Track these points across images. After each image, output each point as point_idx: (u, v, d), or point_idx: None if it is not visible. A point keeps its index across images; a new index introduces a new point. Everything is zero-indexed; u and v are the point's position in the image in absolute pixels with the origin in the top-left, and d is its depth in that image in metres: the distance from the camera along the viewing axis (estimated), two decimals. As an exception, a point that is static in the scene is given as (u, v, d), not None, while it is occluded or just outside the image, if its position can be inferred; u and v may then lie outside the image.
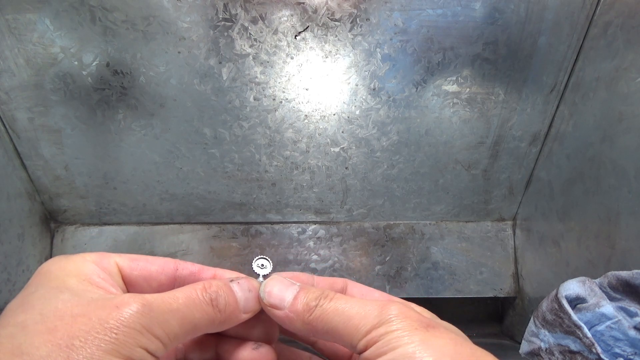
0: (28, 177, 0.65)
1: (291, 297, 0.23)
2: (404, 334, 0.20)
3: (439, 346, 0.20)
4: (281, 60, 0.59)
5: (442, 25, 0.57)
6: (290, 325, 0.23)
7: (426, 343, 0.20)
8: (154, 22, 0.55)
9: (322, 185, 0.70)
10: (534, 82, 0.61)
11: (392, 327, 0.21)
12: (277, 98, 0.62)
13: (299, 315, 0.23)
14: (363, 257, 0.74)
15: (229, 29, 0.56)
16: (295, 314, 0.23)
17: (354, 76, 0.61)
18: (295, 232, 0.74)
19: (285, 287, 0.24)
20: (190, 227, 0.73)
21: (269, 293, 0.24)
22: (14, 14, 0.53)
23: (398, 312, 0.21)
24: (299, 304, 0.23)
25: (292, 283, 0.24)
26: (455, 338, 0.21)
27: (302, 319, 0.22)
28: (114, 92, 0.59)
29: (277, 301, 0.23)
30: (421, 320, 0.21)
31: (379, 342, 0.21)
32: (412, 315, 0.21)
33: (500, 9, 0.56)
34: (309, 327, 0.22)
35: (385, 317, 0.21)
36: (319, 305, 0.22)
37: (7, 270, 0.60)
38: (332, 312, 0.22)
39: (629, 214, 0.49)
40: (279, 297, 0.23)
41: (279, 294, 0.23)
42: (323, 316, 0.22)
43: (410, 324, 0.21)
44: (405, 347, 0.20)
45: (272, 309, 0.23)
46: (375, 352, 0.21)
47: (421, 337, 0.20)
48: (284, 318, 0.23)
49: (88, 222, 0.72)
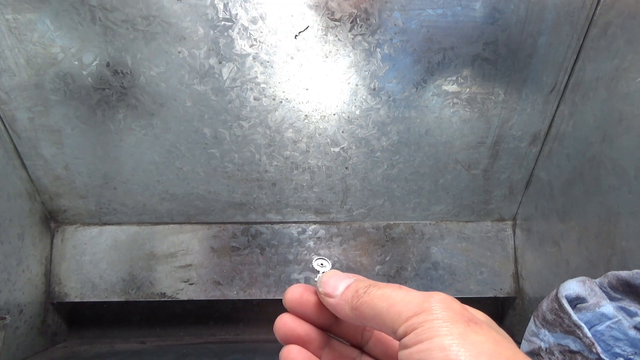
0: (28, 177, 0.65)
1: (344, 287, 0.25)
2: (444, 324, 0.20)
3: (477, 343, 0.20)
4: (281, 60, 0.59)
5: (442, 25, 0.57)
6: (340, 312, 0.24)
7: (464, 337, 0.20)
8: (154, 22, 0.55)
9: (322, 185, 0.70)
10: (534, 82, 0.62)
11: (432, 315, 0.21)
12: (277, 98, 0.62)
13: (348, 301, 0.24)
14: (363, 257, 0.74)
15: (229, 29, 0.56)
16: (344, 301, 0.24)
17: (354, 76, 0.61)
18: (295, 232, 0.74)
19: (340, 279, 0.25)
20: (190, 227, 0.73)
21: (324, 283, 0.26)
22: (14, 14, 0.53)
23: (441, 302, 0.21)
24: (349, 292, 0.24)
25: (347, 276, 0.26)
26: (497, 337, 0.20)
27: (350, 304, 0.24)
28: (114, 92, 0.59)
29: (330, 290, 0.25)
30: (463, 313, 0.21)
31: (417, 329, 0.20)
32: (454, 307, 0.21)
33: (500, 9, 0.56)
34: (356, 312, 0.23)
35: (427, 306, 0.21)
36: (366, 293, 0.23)
37: (7, 270, 0.60)
38: (378, 297, 0.23)
39: (629, 214, 0.49)
40: (332, 287, 0.25)
41: (333, 284, 0.25)
42: (369, 301, 0.23)
43: (451, 316, 0.21)
44: (442, 338, 0.20)
45: (325, 297, 0.25)
46: (413, 339, 0.20)
47: (460, 330, 0.20)
48: (335, 305, 0.25)
49: (88, 222, 0.72)
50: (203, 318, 0.78)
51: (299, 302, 0.27)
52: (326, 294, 0.25)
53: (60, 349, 0.70)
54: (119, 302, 0.71)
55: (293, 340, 0.27)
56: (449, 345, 0.19)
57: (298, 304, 0.27)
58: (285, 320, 0.27)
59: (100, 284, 0.70)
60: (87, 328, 0.76)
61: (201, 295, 0.71)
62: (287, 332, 0.27)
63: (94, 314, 0.75)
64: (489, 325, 0.21)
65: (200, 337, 0.76)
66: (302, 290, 0.27)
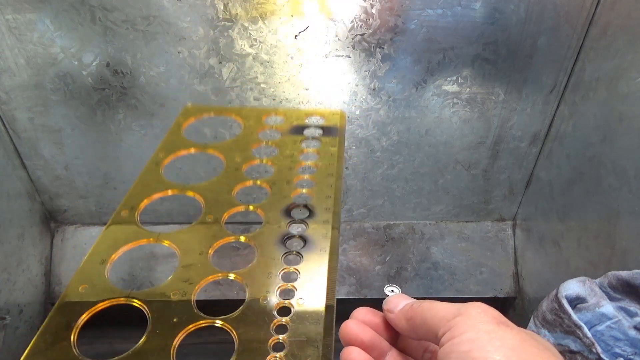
0: (28, 177, 0.65)
1: (402, 305, 0.28)
2: (475, 322, 0.22)
3: (504, 338, 0.21)
4: (281, 60, 0.59)
5: (442, 25, 0.57)
6: (398, 324, 0.27)
7: (492, 333, 0.21)
8: (154, 22, 0.55)
9: (322, 185, 0.70)
10: (534, 82, 0.61)
11: (467, 316, 0.23)
12: (277, 98, 0.62)
13: (404, 314, 0.27)
14: (363, 257, 0.74)
15: (229, 29, 0.56)
16: (401, 314, 0.27)
17: (354, 76, 0.61)
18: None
19: (402, 299, 0.28)
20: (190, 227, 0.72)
21: (388, 302, 0.29)
22: (14, 14, 0.53)
23: (477, 307, 0.23)
24: (405, 307, 0.27)
25: (409, 298, 0.29)
26: (525, 336, 0.22)
27: (405, 316, 0.27)
28: (114, 92, 0.59)
29: (391, 307, 0.28)
30: (496, 317, 0.23)
31: (452, 328, 0.22)
32: (488, 311, 0.23)
33: (500, 9, 0.56)
34: (409, 322, 0.26)
35: (464, 309, 0.23)
36: (419, 306, 0.26)
37: (7, 271, 0.60)
38: (427, 308, 0.25)
39: (629, 214, 0.49)
40: (394, 304, 0.28)
41: (395, 302, 0.28)
42: (419, 312, 0.25)
43: (483, 317, 0.22)
44: (471, 333, 0.22)
45: (387, 313, 0.28)
46: (448, 337, 0.22)
47: (490, 328, 0.22)
48: (394, 319, 0.28)
49: (88, 222, 0.72)
50: (203, 318, 0.78)
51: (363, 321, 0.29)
52: (388, 310, 0.28)
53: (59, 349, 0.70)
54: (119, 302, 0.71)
55: (357, 343, 0.28)
56: (475, 338, 0.21)
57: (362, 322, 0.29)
58: (350, 325, 0.29)
59: (100, 284, 0.70)
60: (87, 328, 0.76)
61: (201, 296, 0.71)
62: (351, 336, 0.28)
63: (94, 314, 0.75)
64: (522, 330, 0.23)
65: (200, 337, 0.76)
66: (366, 312, 0.30)
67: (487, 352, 0.20)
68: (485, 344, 0.21)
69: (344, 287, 0.73)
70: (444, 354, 0.22)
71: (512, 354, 0.20)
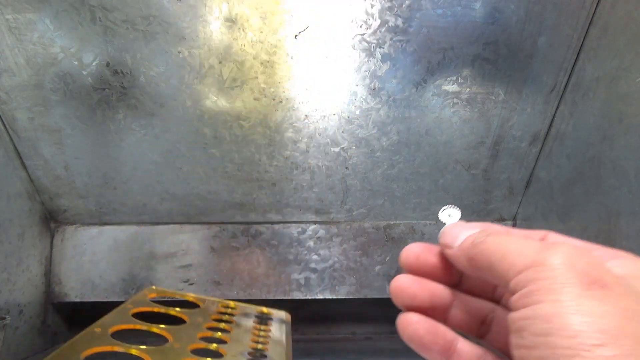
0: (28, 177, 0.65)
1: (463, 237, 0.22)
2: (554, 286, 0.16)
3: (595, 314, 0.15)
4: (281, 60, 0.59)
5: (442, 25, 0.57)
6: (458, 264, 0.22)
7: (581, 305, 0.15)
8: (154, 22, 0.55)
9: (322, 185, 0.70)
10: (534, 82, 0.61)
11: (543, 272, 0.16)
12: (277, 98, 0.62)
13: (465, 251, 0.21)
14: (363, 257, 0.74)
15: (229, 29, 0.56)
16: (462, 251, 0.22)
17: (354, 76, 0.61)
18: (295, 232, 0.74)
19: (462, 229, 0.23)
20: (190, 227, 0.72)
21: (445, 234, 0.24)
22: (14, 14, 0.53)
23: (559, 255, 0.17)
24: (466, 242, 0.22)
25: (472, 227, 0.23)
26: (628, 306, 0.15)
27: (467, 255, 0.21)
28: (114, 92, 0.59)
29: (449, 240, 0.23)
30: (588, 272, 0.16)
31: (524, 290, 0.17)
32: (576, 263, 0.16)
33: (500, 9, 0.56)
34: (472, 263, 0.21)
35: (541, 259, 0.17)
36: (483, 242, 0.20)
37: (7, 270, 0.60)
38: (493, 247, 0.20)
39: (629, 214, 0.49)
40: (452, 237, 0.23)
41: (454, 234, 0.23)
42: (484, 251, 0.20)
43: (565, 276, 0.16)
44: (547, 305, 0.16)
45: (444, 248, 0.23)
46: (518, 302, 0.17)
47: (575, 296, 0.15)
48: (453, 256, 0.22)
49: (88, 222, 0.72)
50: (203, 318, 0.78)
51: (416, 263, 0.24)
52: (445, 244, 0.23)
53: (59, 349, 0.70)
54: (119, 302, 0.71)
55: (415, 306, 0.23)
56: (556, 313, 0.15)
57: (415, 266, 0.24)
58: (402, 281, 0.23)
59: (100, 284, 0.70)
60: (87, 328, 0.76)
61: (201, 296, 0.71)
62: (406, 298, 0.23)
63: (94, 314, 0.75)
64: (625, 288, 0.16)
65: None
66: (420, 251, 0.24)
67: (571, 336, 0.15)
68: (569, 324, 0.15)
69: (344, 287, 0.73)
70: (515, 326, 0.17)
71: (609, 339, 0.14)
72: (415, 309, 0.23)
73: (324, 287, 0.72)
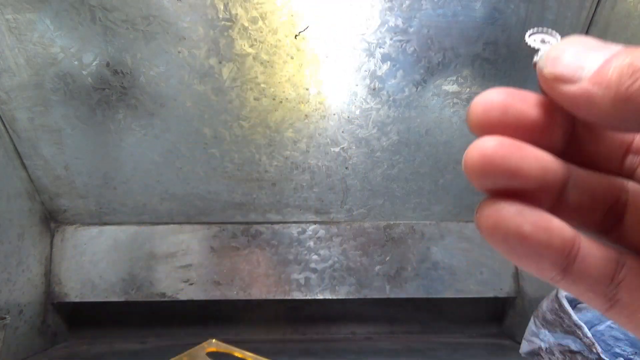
0: (28, 177, 0.65)
1: (596, 63, 0.13)
2: None
3: None
4: (281, 60, 0.59)
5: (442, 25, 0.57)
6: (589, 109, 0.13)
7: None
8: (154, 22, 0.55)
9: (322, 185, 0.70)
10: (534, 82, 0.61)
11: None
12: (277, 98, 0.62)
13: (611, 85, 0.12)
14: (363, 257, 0.74)
15: (229, 29, 0.56)
16: (601, 86, 0.12)
17: (354, 76, 0.61)
18: (295, 232, 0.74)
19: (586, 50, 0.13)
20: (190, 227, 0.73)
21: (553, 59, 0.14)
22: (14, 14, 0.53)
23: None
24: (610, 69, 0.12)
25: (601, 46, 0.13)
26: None
27: (615, 92, 0.12)
28: (114, 92, 0.59)
29: (568, 70, 0.13)
30: None
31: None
32: None
33: (500, 9, 0.56)
34: (628, 106, 0.12)
35: None
36: None
37: (7, 270, 0.60)
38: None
39: (629, 214, 0.49)
40: (572, 64, 0.13)
41: (572, 59, 0.13)
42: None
43: None
44: None
45: (558, 85, 0.13)
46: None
47: None
48: (580, 96, 0.13)
49: (88, 222, 0.72)
50: (203, 318, 0.78)
51: (504, 120, 0.15)
52: (562, 77, 0.13)
53: (60, 349, 0.70)
54: (119, 302, 0.71)
55: (511, 186, 0.14)
56: None
57: (502, 126, 0.15)
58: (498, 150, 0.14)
59: (100, 284, 0.70)
60: (87, 328, 0.76)
61: (201, 295, 0.71)
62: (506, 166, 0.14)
63: (94, 314, 0.75)
64: None
65: (200, 337, 0.76)
66: (508, 99, 0.15)
67: None
68: None
69: (344, 287, 0.73)
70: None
71: None
72: (512, 191, 0.14)
73: (324, 287, 0.72)
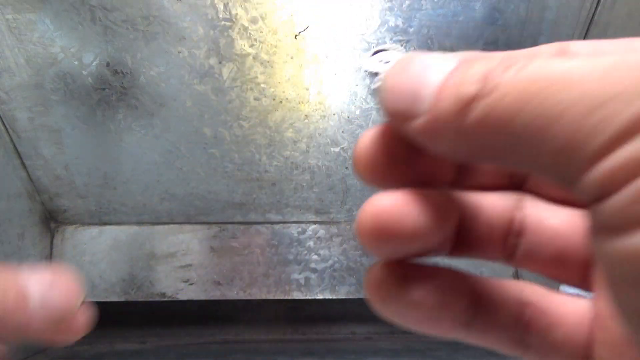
0: (28, 177, 0.65)
1: (433, 89, 0.11)
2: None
3: None
4: (281, 60, 0.59)
5: (442, 25, 0.57)
6: (437, 147, 0.11)
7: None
8: (154, 22, 0.55)
9: (322, 185, 0.70)
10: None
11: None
12: (277, 98, 0.62)
13: (450, 119, 0.10)
14: (363, 257, 0.74)
15: (229, 29, 0.56)
16: (440, 121, 0.10)
17: (354, 76, 0.61)
18: (295, 232, 0.74)
19: (423, 70, 0.11)
20: (190, 227, 0.73)
21: (391, 89, 0.11)
22: (14, 14, 0.53)
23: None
24: (445, 97, 0.10)
25: (439, 62, 0.11)
26: None
27: (456, 127, 0.10)
28: (114, 92, 0.59)
29: (406, 103, 0.11)
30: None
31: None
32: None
33: (500, 9, 0.56)
34: (477, 134, 0.10)
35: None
36: (505, 80, 0.10)
37: (7, 270, 0.60)
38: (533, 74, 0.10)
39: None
40: (411, 93, 0.11)
41: (410, 87, 0.11)
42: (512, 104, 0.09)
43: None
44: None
45: (400, 121, 0.11)
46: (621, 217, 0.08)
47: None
48: (425, 133, 0.11)
49: (88, 222, 0.72)
50: (203, 318, 0.78)
51: (372, 160, 0.13)
52: (401, 112, 0.11)
53: (60, 349, 0.70)
54: (119, 302, 0.71)
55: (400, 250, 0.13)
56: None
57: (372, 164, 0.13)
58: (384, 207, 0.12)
59: (100, 284, 0.70)
60: (87, 328, 0.76)
61: (201, 295, 0.71)
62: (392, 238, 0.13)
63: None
64: None
65: (200, 337, 0.76)
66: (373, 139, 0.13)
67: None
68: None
69: (344, 287, 0.73)
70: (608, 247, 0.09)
71: None
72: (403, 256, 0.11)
73: (324, 287, 0.72)
